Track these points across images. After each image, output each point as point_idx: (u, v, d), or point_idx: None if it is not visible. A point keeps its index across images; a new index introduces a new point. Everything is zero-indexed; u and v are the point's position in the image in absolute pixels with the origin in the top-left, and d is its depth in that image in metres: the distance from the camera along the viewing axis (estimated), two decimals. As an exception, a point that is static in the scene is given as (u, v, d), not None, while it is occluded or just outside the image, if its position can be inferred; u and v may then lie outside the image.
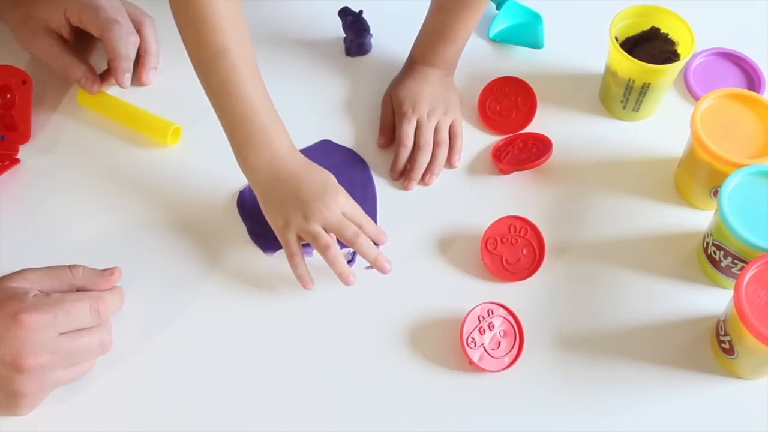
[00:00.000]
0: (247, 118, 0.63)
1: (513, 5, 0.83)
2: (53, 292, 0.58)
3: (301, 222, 0.63)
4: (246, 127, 0.63)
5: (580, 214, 0.71)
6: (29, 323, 0.54)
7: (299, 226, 0.63)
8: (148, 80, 0.78)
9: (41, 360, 0.55)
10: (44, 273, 0.60)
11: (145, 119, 0.75)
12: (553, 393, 0.62)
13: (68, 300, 0.58)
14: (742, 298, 0.57)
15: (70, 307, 0.57)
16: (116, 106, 0.76)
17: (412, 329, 0.65)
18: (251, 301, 0.67)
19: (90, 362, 0.61)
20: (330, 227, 0.64)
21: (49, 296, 0.57)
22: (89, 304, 0.59)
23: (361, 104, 0.78)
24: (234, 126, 0.63)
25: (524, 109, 0.77)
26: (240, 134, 0.63)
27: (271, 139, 0.64)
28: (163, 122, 0.74)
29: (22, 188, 0.72)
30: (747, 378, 0.63)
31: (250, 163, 0.64)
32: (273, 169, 0.64)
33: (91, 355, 0.60)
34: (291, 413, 0.62)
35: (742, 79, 0.79)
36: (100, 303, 0.59)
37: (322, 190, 0.64)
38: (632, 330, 0.65)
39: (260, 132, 0.63)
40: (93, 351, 0.59)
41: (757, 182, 0.63)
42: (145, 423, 0.61)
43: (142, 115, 0.75)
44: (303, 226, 0.63)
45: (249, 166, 0.64)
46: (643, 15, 0.74)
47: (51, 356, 0.56)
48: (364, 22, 0.80)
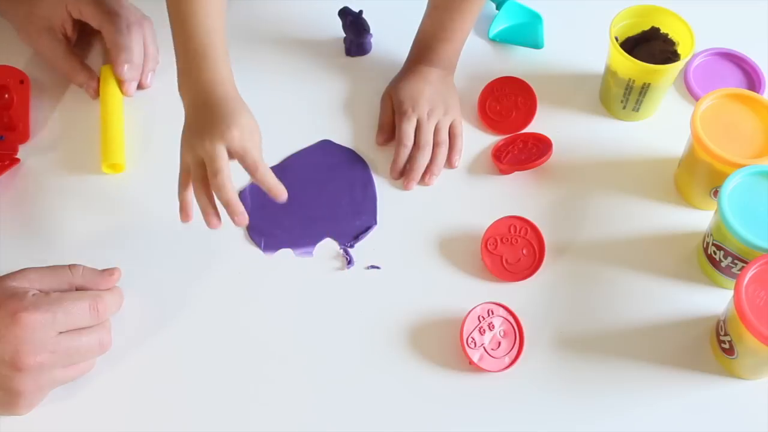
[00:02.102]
0: (187, 45, 0.63)
1: (513, 5, 0.83)
2: (53, 291, 0.58)
3: (207, 144, 0.60)
4: (184, 53, 0.63)
5: (580, 214, 0.71)
6: (29, 322, 0.54)
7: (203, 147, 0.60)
8: (147, 83, 0.78)
9: (40, 359, 0.55)
10: (44, 272, 0.60)
11: (106, 135, 0.73)
12: (553, 393, 0.62)
13: (68, 299, 0.58)
14: (742, 298, 0.57)
15: (70, 306, 0.57)
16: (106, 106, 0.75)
17: (412, 329, 0.65)
18: (251, 301, 0.67)
19: (89, 362, 0.60)
20: (233, 152, 0.61)
21: (48, 295, 0.57)
22: (89, 304, 0.59)
23: (361, 104, 0.78)
24: (176, 52, 0.64)
25: (524, 109, 0.77)
26: (180, 59, 0.64)
27: (204, 66, 0.62)
28: (108, 150, 0.72)
29: (21, 188, 0.72)
30: (747, 378, 0.63)
31: (182, 89, 0.64)
32: (199, 98, 0.62)
33: (90, 354, 0.60)
34: (291, 413, 0.61)
35: (742, 79, 0.79)
36: (100, 302, 0.59)
37: (239, 122, 0.61)
38: (632, 330, 0.65)
39: (194, 59, 0.62)
40: (92, 350, 0.59)
41: (757, 182, 0.63)
42: (145, 423, 0.61)
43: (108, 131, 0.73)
44: (205, 146, 0.60)
45: (181, 91, 0.64)
46: (643, 15, 0.74)
47: (50, 355, 0.56)
48: (364, 22, 0.80)
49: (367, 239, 0.70)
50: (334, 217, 0.71)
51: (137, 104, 0.77)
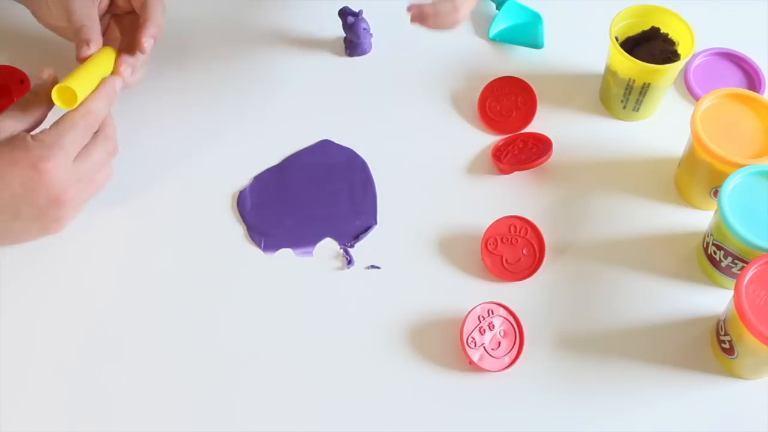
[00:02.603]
0: None
1: (513, 5, 0.83)
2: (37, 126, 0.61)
3: None
4: None
5: (580, 214, 0.71)
6: (49, 168, 0.58)
7: None
8: (144, 47, 0.70)
9: (71, 192, 0.60)
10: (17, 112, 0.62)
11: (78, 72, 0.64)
12: (553, 393, 0.62)
13: (66, 129, 0.60)
14: (742, 298, 0.57)
15: (71, 133, 0.60)
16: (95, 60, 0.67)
17: (412, 329, 0.65)
18: (251, 301, 0.67)
19: (108, 171, 0.64)
20: None
21: (48, 134, 0.59)
22: (82, 123, 0.61)
23: (361, 104, 0.78)
24: None
25: (524, 109, 0.77)
26: None
27: None
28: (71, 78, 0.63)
29: (21, 188, 0.72)
30: (747, 378, 0.63)
31: None
32: None
33: (105, 165, 0.63)
34: (291, 413, 0.61)
35: (742, 79, 0.79)
36: (89, 116, 0.61)
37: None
38: (632, 330, 0.65)
39: None
40: (105, 161, 0.63)
41: (757, 182, 0.63)
42: (145, 423, 0.61)
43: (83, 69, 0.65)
44: None
45: None
46: (643, 15, 0.74)
47: (77, 183, 0.60)
48: (364, 22, 0.80)
49: (367, 239, 0.70)
50: (334, 217, 0.71)
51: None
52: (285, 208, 0.72)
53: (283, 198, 0.72)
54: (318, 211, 0.71)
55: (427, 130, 0.77)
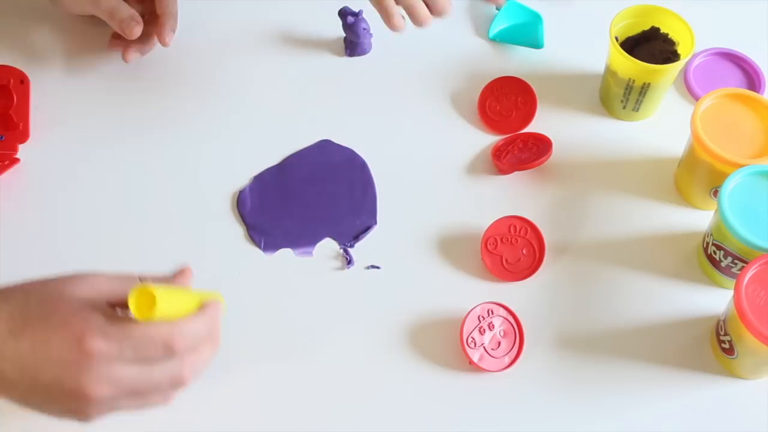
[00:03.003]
0: None
1: (513, 5, 0.83)
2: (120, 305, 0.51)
3: None
4: None
5: (580, 214, 0.71)
6: (93, 349, 0.48)
7: None
8: (167, 41, 0.75)
9: (102, 391, 0.48)
10: (113, 280, 0.53)
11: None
12: (553, 393, 0.62)
13: (139, 330, 0.49)
14: (742, 298, 0.57)
15: (140, 338, 0.49)
16: None
17: (412, 329, 0.65)
18: (250, 301, 0.66)
19: (162, 395, 0.52)
20: None
21: (119, 321, 0.49)
22: (162, 337, 0.49)
23: (361, 104, 0.78)
24: None
25: (524, 109, 0.77)
26: None
27: None
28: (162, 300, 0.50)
29: (21, 188, 0.72)
30: (747, 378, 0.63)
31: None
32: None
33: (158, 391, 0.51)
34: (291, 413, 0.61)
35: (742, 79, 0.79)
36: (177, 336, 0.50)
37: None
38: (632, 330, 0.65)
39: None
40: (161, 387, 0.51)
41: (757, 182, 0.63)
42: (145, 423, 0.61)
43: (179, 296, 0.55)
44: None
45: None
46: (643, 15, 0.74)
47: (113, 388, 0.49)
48: (364, 22, 0.80)
49: (367, 239, 0.70)
50: (334, 217, 0.71)
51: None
52: (285, 208, 0.72)
53: (283, 198, 0.72)
54: (318, 211, 0.71)
55: (426, 130, 0.77)
